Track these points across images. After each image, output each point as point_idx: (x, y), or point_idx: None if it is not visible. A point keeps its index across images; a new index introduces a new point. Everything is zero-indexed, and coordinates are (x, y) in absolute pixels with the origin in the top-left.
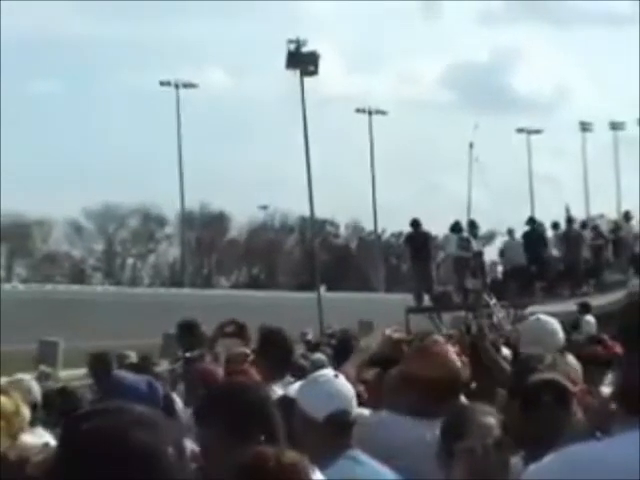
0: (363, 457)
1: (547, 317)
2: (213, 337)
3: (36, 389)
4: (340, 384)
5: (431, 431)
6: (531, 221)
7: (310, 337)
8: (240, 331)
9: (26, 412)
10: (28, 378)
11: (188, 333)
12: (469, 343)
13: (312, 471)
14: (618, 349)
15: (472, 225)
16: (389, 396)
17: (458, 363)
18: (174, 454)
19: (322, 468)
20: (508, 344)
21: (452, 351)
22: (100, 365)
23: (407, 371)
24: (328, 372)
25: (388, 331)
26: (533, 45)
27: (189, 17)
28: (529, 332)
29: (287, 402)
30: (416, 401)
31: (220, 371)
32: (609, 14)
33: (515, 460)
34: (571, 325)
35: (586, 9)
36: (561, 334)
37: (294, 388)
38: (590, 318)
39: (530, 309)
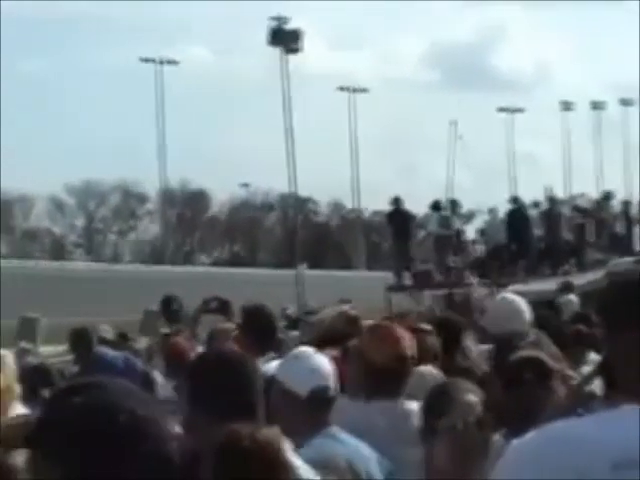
0: (343, 435)
1: (513, 296)
2: (196, 313)
3: (13, 364)
4: (321, 360)
5: (383, 413)
6: (514, 200)
7: (291, 312)
8: (223, 307)
9: (16, 388)
10: (5, 353)
11: (167, 309)
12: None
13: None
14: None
15: (453, 203)
16: (349, 375)
17: (409, 349)
18: (164, 428)
19: (301, 445)
20: None
21: (406, 335)
22: (81, 341)
23: (359, 351)
24: (308, 349)
25: (345, 307)
26: (515, 24)
27: None
28: (497, 311)
29: (266, 379)
30: (368, 381)
31: (192, 346)
32: None
33: (496, 438)
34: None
35: None
36: (528, 313)
37: (273, 365)
38: (573, 297)
39: (511, 288)
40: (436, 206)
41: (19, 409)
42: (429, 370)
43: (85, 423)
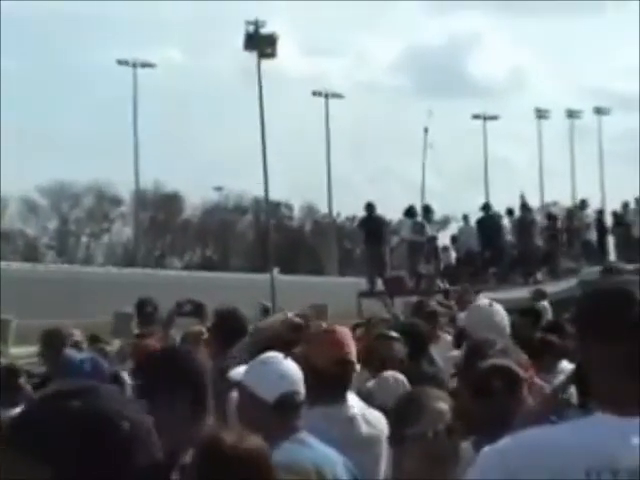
0: (311, 439)
1: (496, 304)
2: (169, 316)
3: None
4: (289, 365)
5: (326, 419)
6: (485, 207)
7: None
8: (197, 310)
9: None
10: None
11: (141, 311)
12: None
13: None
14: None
15: (427, 210)
16: None
17: (352, 354)
18: (154, 434)
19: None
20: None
21: (349, 340)
22: (52, 342)
23: (302, 357)
24: (276, 354)
25: (290, 314)
26: (490, 30)
27: None
28: (483, 319)
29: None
30: (311, 387)
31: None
32: (568, 1)
33: (465, 445)
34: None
35: None
36: (507, 320)
37: (239, 371)
38: (545, 304)
39: (482, 295)
40: (410, 212)
41: None
42: (392, 375)
43: (86, 427)
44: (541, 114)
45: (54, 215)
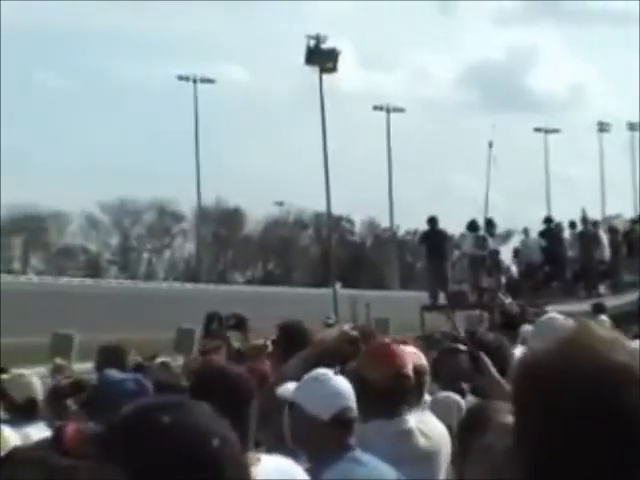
0: (365, 457)
1: (560, 317)
2: (223, 330)
3: (36, 384)
4: (340, 381)
5: (380, 433)
6: (547, 220)
7: (332, 321)
8: (239, 323)
9: None
10: (28, 373)
11: (209, 325)
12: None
13: None
14: None
15: (489, 224)
16: None
17: (407, 367)
18: (243, 454)
19: (322, 469)
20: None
21: (405, 354)
22: (110, 358)
23: (355, 371)
24: (326, 371)
25: (346, 327)
26: (550, 44)
27: (209, 12)
28: (545, 328)
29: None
30: (365, 401)
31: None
32: (629, 13)
33: None
34: None
35: (605, 8)
36: None
37: (288, 388)
38: (604, 318)
39: (548, 309)
40: (472, 226)
41: (41, 428)
42: (447, 395)
43: (176, 443)
44: (602, 127)
45: (115, 231)
